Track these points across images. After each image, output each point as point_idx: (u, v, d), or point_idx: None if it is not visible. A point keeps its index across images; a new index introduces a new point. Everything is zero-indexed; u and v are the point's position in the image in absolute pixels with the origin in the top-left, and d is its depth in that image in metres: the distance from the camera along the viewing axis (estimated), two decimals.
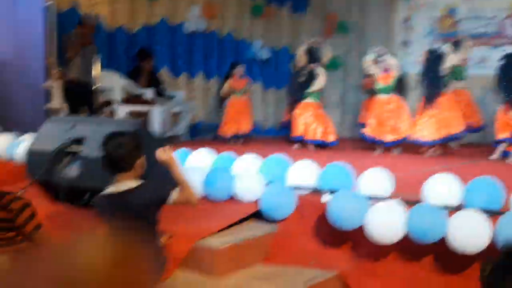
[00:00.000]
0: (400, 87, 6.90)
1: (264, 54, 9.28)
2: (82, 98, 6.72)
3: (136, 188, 2.59)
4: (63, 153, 3.81)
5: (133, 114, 7.10)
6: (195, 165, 4.28)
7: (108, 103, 7.10)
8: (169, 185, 2.68)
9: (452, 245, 2.97)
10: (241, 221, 3.65)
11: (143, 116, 7.17)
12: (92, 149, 3.62)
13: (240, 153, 4.41)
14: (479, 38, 9.61)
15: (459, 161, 5.82)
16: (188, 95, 8.51)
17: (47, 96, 5.65)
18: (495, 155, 6.19)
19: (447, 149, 6.77)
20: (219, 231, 3.42)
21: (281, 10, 10.14)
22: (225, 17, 9.03)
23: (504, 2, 9.54)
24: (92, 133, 3.77)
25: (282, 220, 3.65)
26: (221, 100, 8.03)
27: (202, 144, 6.14)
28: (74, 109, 6.50)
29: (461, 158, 6.22)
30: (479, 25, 9.66)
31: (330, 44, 10.67)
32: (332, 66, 8.77)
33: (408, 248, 3.22)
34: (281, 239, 3.56)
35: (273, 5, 9.89)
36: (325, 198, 3.56)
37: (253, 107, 8.37)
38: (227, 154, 4.43)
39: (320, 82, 7.21)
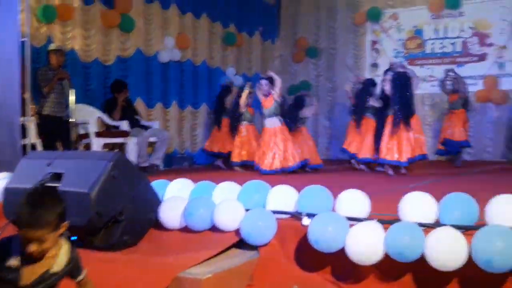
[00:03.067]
0: None
1: (237, 81, 9.42)
2: (57, 133, 6.70)
3: None
4: None
5: (108, 146, 7.08)
6: (174, 194, 4.29)
7: (83, 136, 7.07)
8: None
9: (431, 263, 3.03)
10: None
11: (119, 147, 7.16)
12: (71, 184, 3.60)
13: (218, 181, 4.44)
14: (445, 57, 9.97)
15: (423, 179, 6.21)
16: (164, 125, 8.57)
17: (23, 132, 5.60)
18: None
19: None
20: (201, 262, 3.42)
21: (252, 37, 10.35)
22: (199, 46, 9.16)
23: (468, 23, 9.90)
24: (70, 168, 3.76)
25: (263, 246, 3.68)
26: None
27: (179, 173, 6.17)
28: (49, 144, 6.46)
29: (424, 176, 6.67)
30: (444, 45, 10.01)
31: (301, 69, 10.93)
32: (303, 90, 8.96)
33: (388, 268, 3.28)
34: (264, 265, 3.58)
35: (244, 33, 10.10)
36: (306, 221, 3.59)
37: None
38: (205, 182, 4.45)
39: None
